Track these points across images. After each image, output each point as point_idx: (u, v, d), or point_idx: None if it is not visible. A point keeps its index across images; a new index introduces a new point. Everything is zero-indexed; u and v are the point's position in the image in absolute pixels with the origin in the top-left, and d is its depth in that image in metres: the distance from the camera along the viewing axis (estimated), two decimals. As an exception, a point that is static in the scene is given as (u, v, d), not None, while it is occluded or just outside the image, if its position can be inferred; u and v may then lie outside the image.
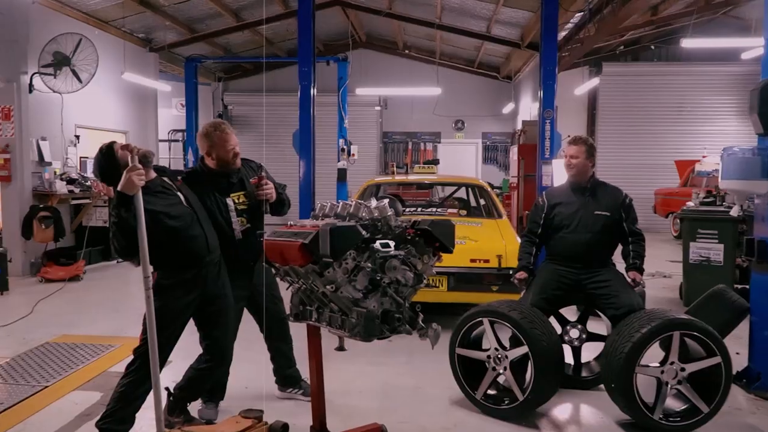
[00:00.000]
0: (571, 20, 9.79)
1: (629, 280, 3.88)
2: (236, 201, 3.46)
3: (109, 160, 2.94)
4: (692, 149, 14.12)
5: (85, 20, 9.52)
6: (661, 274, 8.59)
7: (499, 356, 3.64)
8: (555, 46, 8.21)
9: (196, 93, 13.62)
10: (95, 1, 9.31)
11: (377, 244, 2.42)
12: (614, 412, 3.62)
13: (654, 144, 14.64)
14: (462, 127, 16.42)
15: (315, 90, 8.58)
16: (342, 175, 12.60)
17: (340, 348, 2.95)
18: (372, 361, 4.68)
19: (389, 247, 2.44)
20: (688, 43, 8.62)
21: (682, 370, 3.42)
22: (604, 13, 7.91)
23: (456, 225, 5.51)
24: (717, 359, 3.38)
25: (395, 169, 8.32)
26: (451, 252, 2.63)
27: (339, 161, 12.81)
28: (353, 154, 12.94)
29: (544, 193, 4.31)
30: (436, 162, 15.01)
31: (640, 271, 3.93)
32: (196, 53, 13.40)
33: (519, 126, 13.56)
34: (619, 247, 4.08)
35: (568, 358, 4.32)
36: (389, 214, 2.57)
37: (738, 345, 4.54)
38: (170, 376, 3.64)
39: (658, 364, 3.45)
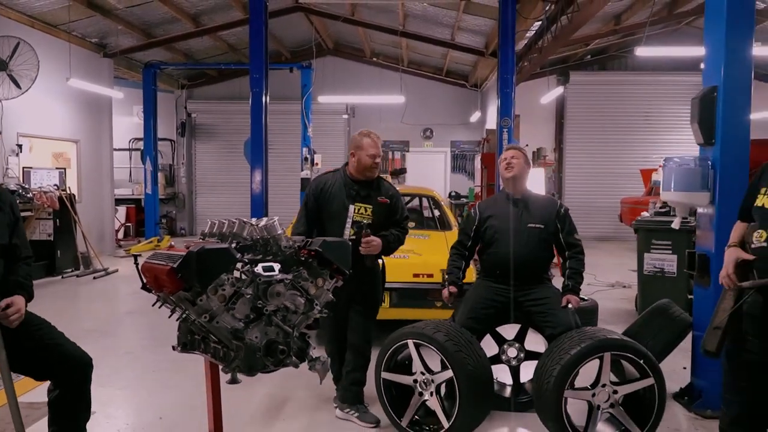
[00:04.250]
0: (531, 28, 9.69)
1: (564, 302, 3.66)
2: (356, 211, 3.65)
3: None
4: (658, 158, 14.09)
5: (30, 24, 9.17)
6: (621, 285, 8.48)
7: (426, 381, 3.43)
8: (512, 54, 8.10)
9: (155, 100, 13.33)
10: (41, 3, 8.97)
11: (259, 268, 2.20)
12: (549, 437, 3.42)
13: (621, 152, 14.65)
14: (431, 135, 16.26)
15: (268, 97, 8.38)
16: (306, 184, 12.38)
17: (233, 381, 2.69)
18: (297, 385, 4.44)
19: (273, 270, 2.21)
20: (642, 51, 8.56)
21: (615, 392, 3.24)
22: (560, 22, 7.81)
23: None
24: (650, 381, 3.20)
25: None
26: (346, 275, 2.40)
27: (302, 170, 12.61)
28: (317, 163, 12.74)
29: (477, 204, 4.10)
30: (403, 171, 14.86)
31: (576, 292, 3.69)
32: (155, 59, 13.13)
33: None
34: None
35: (506, 379, 4.14)
36: (279, 232, 2.35)
37: (686, 359, 4.38)
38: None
39: (589, 387, 3.26)
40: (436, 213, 7.03)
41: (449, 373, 3.30)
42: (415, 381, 3.47)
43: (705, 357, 2.79)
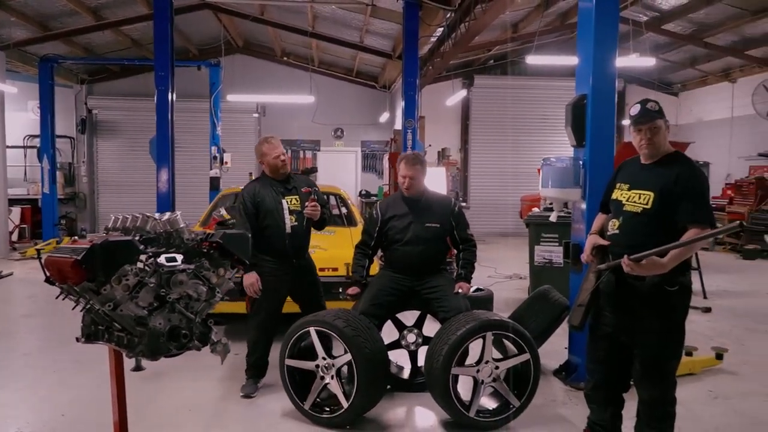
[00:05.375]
0: (434, 34, 10.13)
1: (456, 288, 4.03)
2: (289, 203, 4.20)
3: None
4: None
5: None
6: (518, 276, 9.06)
7: (327, 365, 3.66)
8: (416, 58, 8.48)
9: (52, 96, 12.76)
10: (-77, -8, 8.46)
11: (162, 259, 2.34)
12: (442, 412, 3.73)
13: (521, 152, 15.38)
14: (341, 135, 16.49)
15: (174, 95, 8.31)
16: (215, 183, 12.28)
17: (137, 368, 2.80)
18: (211, 376, 4.55)
19: (176, 261, 2.36)
20: (531, 59, 9.25)
21: (497, 368, 3.60)
22: (459, 30, 8.27)
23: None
24: (526, 356, 3.59)
25: (252, 178, 8.18)
26: (246, 264, 2.59)
27: (211, 169, 12.48)
28: (227, 162, 12.65)
29: (377, 204, 4.37)
30: (314, 170, 15.01)
31: (468, 280, 4.10)
32: (53, 53, 12.56)
33: (394, 135, 13.83)
34: None
35: (406, 362, 4.45)
36: (182, 226, 2.50)
37: (567, 339, 4.85)
38: None
39: (474, 364, 3.61)
40: (343, 210, 7.27)
41: (348, 357, 3.55)
42: (317, 366, 3.69)
43: (572, 331, 3.18)
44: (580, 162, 4.33)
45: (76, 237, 2.52)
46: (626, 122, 4.23)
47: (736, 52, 11.86)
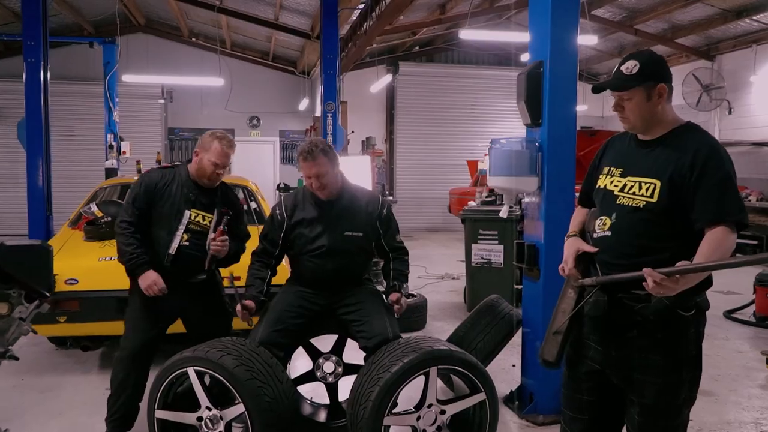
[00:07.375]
0: (357, 7, 9.19)
1: (389, 303, 3.13)
2: (193, 218, 3.12)
3: None
4: (483, 149, 14.50)
5: None
6: (450, 276, 8.33)
7: (212, 418, 2.67)
8: (336, 32, 7.55)
9: None
10: None
11: None
12: (369, 469, 2.83)
13: (449, 144, 14.78)
14: (257, 124, 15.31)
15: (47, 70, 6.99)
16: (111, 175, 10.85)
17: None
18: (62, 425, 3.47)
19: None
20: (465, 35, 8.54)
21: (443, 413, 2.73)
22: (384, 1, 7.38)
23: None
24: (481, 396, 2.75)
25: (141, 166, 7.03)
26: (47, 297, 1.57)
27: (107, 160, 11.06)
28: (125, 152, 11.25)
29: (282, 201, 3.26)
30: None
31: (401, 292, 3.18)
32: None
33: (314, 123, 12.81)
34: None
35: (323, 398, 3.52)
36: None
37: (515, 355, 4.08)
38: None
39: (414, 410, 2.73)
40: (252, 205, 6.25)
41: (241, 408, 2.58)
42: (200, 419, 2.69)
43: (545, 367, 2.34)
44: (536, 144, 3.52)
45: None
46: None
47: (666, 40, 11.60)
